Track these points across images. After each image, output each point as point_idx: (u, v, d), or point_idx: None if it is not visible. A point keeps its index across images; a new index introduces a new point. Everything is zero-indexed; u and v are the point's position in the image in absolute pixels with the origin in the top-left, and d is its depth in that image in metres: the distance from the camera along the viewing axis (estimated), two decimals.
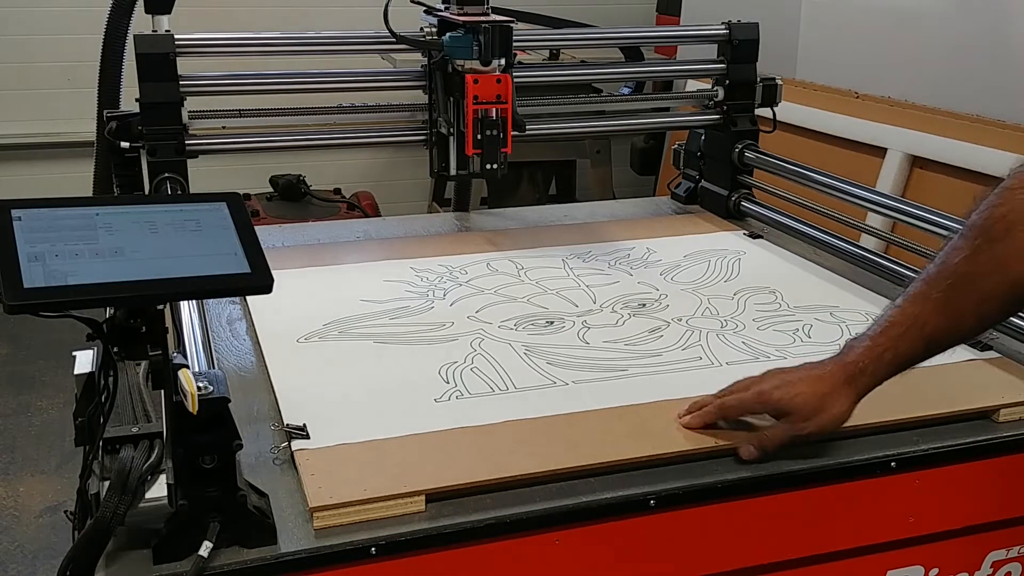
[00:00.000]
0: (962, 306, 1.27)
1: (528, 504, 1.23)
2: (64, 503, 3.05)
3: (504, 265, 2.05)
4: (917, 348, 1.29)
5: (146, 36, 1.99)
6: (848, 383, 1.30)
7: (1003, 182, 1.28)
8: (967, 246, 1.27)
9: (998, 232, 1.24)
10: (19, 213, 1.08)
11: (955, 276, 1.27)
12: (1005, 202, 1.25)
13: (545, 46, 3.67)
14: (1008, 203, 1.25)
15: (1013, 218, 1.24)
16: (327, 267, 2.04)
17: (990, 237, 1.25)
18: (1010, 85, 3.26)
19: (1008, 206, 1.25)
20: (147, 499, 1.14)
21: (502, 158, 1.96)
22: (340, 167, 5.52)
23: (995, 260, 1.24)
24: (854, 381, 1.31)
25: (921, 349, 1.30)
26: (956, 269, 1.27)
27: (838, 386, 1.30)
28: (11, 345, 4.45)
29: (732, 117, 2.35)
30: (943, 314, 1.28)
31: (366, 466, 1.27)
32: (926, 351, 1.30)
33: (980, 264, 1.26)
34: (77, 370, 1.31)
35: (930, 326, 1.28)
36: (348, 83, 2.18)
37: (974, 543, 1.45)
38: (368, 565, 1.15)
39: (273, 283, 1.11)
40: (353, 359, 1.60)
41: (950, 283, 1.27)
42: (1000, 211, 1.25)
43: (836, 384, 1.30)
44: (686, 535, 1.29)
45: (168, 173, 1.96)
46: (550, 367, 1.58)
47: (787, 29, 4.18)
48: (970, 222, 1.28)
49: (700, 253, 2.13)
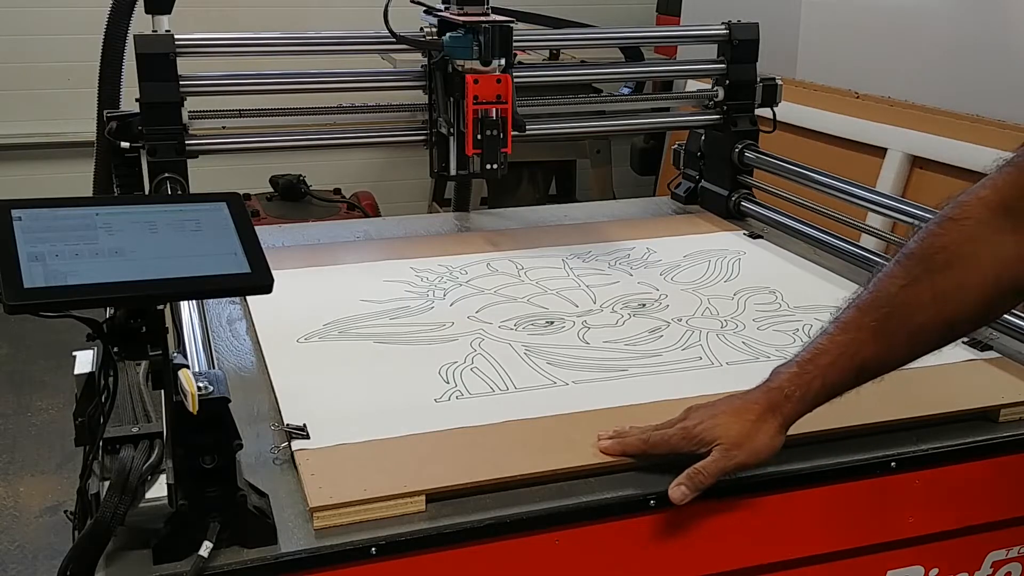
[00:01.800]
0: (896, 336, 1.23)
1: (528, 504, 1.23)
2: (64, 503, 3.04)
3: (504, 265, 2.05)
4: (847, 376, 1.25)
5: (146, 36, 1.99)
6: (772, 410, 1.26)
7: (944, 210, 1.24)
8: (904, 275, 1.23)
9: (939, 263, 1.20)
10: (19, 213, 1.08)
11: (891, 305, 1.23)
12: (946, 232, 1.21)
13: (545, 46, 3.67)
14: (949, 234, 1.21)
15: (955, 251, 1.20)
16: (327, 267, 2.04)
17: (929, 268, 1.21)
18: (1010, 85, 3.26)
19: (949, 236, 1.21)
20: (147, 499, 1.14)
21: (502, 158, 1.96)
22: (340, 167, 5.51)
23: (933, 292, 1.20)
24: (779, 408, 1.26)
25: (852, 377, 1.25)
26: (892, 298, 1.23)
27: (762, 413, 1.25)
28: (11, 345, 4.45)
29: (732, 117, 2.35)
30: (876, 343, 1.23)
31: (366, 466, 1.27)
32: (857, 379, 1.25)
33: (918, 295, 1.21)
34: (77, 370, 1.31)
35: (862, 355, 1.23)
36: (348, 83, 2.18)
37: (974, 543, 1.44)
38: (368, 565, 1.15)
39: (273, 283, 1.11)
40: (353, 359, 1.60)
41: (886, 312, 1.23)
42: (941, 241, 1.21)
43: (760, 412, 1.26)
44: (686, 535, 1.28)
45: (168, 173, 1.96)
46: (550, 367, 1.58)
47: (787, 29, 4.18)
48: (908, 249, 1.24)
49: (700, 253, 2.13)
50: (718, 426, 1.26)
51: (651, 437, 1.30)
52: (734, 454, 1.24)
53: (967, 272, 1.20)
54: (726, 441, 1.25)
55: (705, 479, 1.24)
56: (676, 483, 1.24)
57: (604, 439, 1.33)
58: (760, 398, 1.27)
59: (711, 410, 1.29)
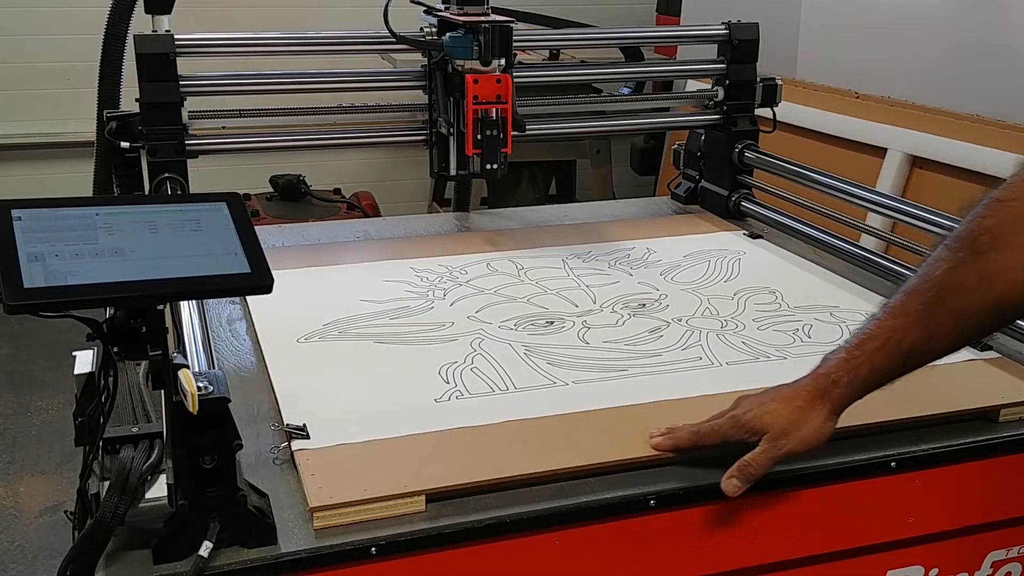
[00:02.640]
0: (942, 320, 1.22)
1: (528, 504, 1.23)
2: (64, 503, 3.04)
3: (504, 265, 2.05)
4: (895, 361, 1.24)
5: (146, 36, 1.99)
6: (821, 396, 1.26)
7: (991, 192, 1.22)
8: (950, 258, 1.22)
9: (984, 245, 1.19)
10: (19, 213, 1.08)
11: (937, 289, 1.22)
12: (992, 213, 1.20)
13: (545, 46, 3.67)
14: (996, 215, 1.20)
15: (1000, 231, 1.18)
16: (327, 267, 2.04)
17: (975, 249, 1.20)
18: (1010, 85, 3.26)
19: (996, 218, 1.19)
20: (147, 499, 1.15)
21: (502, 158, 1.96)
22: (340, 167, 5.52)
23: (979, 274, 1.19)
24: (827, 393, 1.26)
25: (899, 363, 1.24)
26: (938, 281, 1.22)
27: (811, 400, 1.26)
28: (11, 345, 4.45)
29: (732, 117, 2.35)
30: (923, 327, 1.23)
31: (366, 466, 1.27)
32: (904, 365, 1.25)
33: (963, 277, 1.20)
34: (77, 370, 1.31)
35: (909, 339, 1.23)
36: (348, 83, 2.18)
37: (974, 543, 1.44)
38: (368, 565, 1.15)
39: (273, 283, 1.11)
40: (353, 359, 1.60)
41: (931, 296, 1.22)
42: (987, 223, 1.20)
43: (808, 398, 1.26)
44: (686, 535, 1.29)
45: (168, 173, 1.96)
46: (550, 367, 1.58)
47: (787, 29, 4.18)
48: (955, 233, 1.23)
49: (700, 253, 2.13)
50: (767, 414, 1.27)
51: (701, 429, 1.31)
52: (782, 443, 1.25)
53: (1013, 253, 1.18)
54: (774, 429, 1.25)
55: (755, 470, 1.25)
56: (728, 476, 1.25)
57: (656, 436, 1.33)
58: (808, 385, 1.27)
59: (760, 398, 1.30)
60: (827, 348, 1.65)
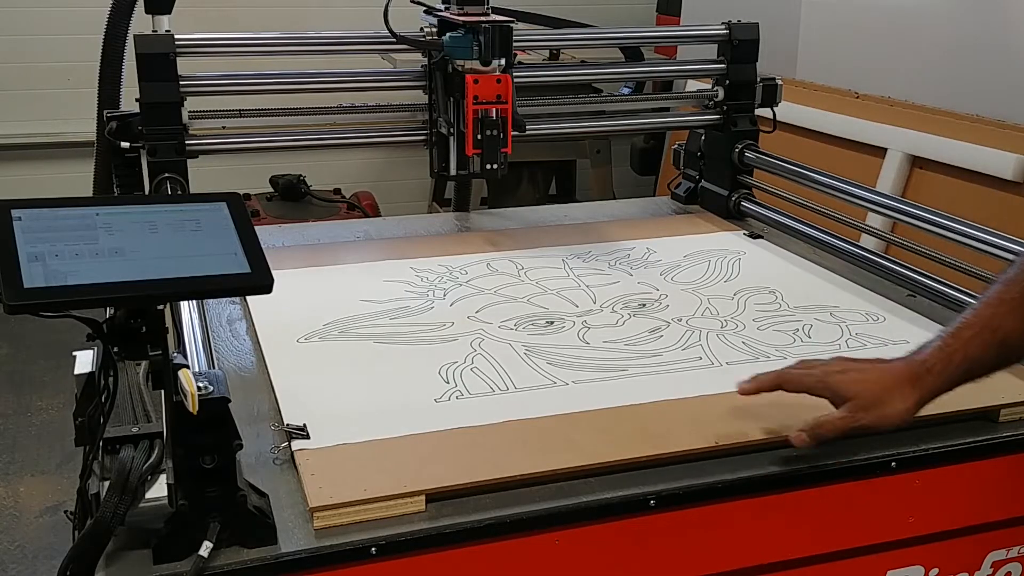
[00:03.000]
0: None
1: (528, 504, 1.23)
2: (64, 503, 3.05)
3: (504, 265, 2.05)
4: (989, 351, 1.23)
5: (146, 36, 1.99)
6: (912, 380, 1.25)
7: None
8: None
9: None
10: (19, 213, 1.08)
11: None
12: None
13: (545, 46, 3.67)
14: None
15: None
16: (327, 267, 2.04)
17: None
18: (1010, 85, 3.26)
19: None
20: (147, 499, 1.15)
21: (502, 158, 1.96)
22: (340, 167, 5.51)
23: None
24: (920, 379, 1.25)
25: (994, 352, 1.23)
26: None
27: (902, 382, 1.25)
28: (11, 345, 4.45)
29: (732, 117, 2.35)
30: (1017, 316, 1.21)
31: (366, 466, 1.27)
32: (999, 355, 1.24)
33: None
34: (77, 370, 1.31)
35: (1004, 328, 1.22)
36: (348, 83, 2.18)
37: (974, 543, 1.45)
38: (368, 565, 1.15)
39: (273, 283, 1.11)
40: (353, 359, 1.60)
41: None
42: None
43: (900, 379, 1.25)
44: (686, 535, 1.29)
45: (168, 173, 1.96)
46: (550, 367, 1.58)
47: (787, 29, 4.18)
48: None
49: (700, 253, 2.13)
50: (857, 382, 1.26)
51: (786, 373, 1.30)
52: (860, 416, 1.25)
53: None
54: (860, 400, 1.25)
55: (828, 432, 1.24)
56: (799, 430, 1.25)
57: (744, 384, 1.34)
58: (902, 368, 1.27)
59: (856, 364, 1.29)
60: (827, 348, 1.66)
